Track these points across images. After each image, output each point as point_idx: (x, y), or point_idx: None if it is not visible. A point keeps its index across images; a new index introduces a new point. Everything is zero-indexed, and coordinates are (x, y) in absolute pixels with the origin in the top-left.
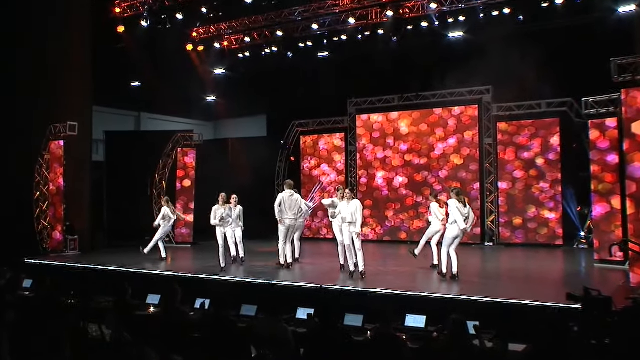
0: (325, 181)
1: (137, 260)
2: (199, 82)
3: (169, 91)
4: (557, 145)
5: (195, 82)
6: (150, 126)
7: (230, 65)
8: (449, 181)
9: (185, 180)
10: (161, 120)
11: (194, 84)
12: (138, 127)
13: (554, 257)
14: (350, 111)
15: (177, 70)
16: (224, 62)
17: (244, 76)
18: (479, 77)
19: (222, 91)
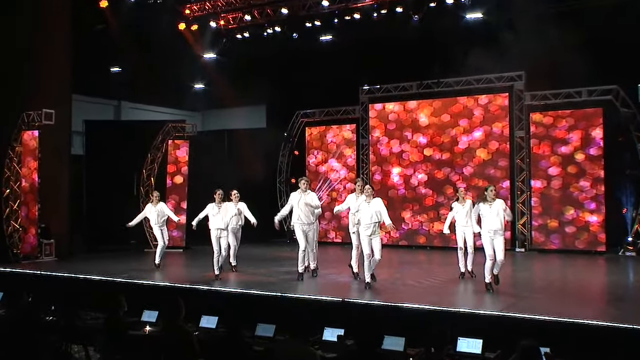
0: (333, 178)
1: (126, 267)
2: (190, 68)
3: (153, 78)
4: (600, 139)
5: (185, 68)
6: (131, 116)
7: (226, 47)
8: (473, 178)
9: (176, 176)
10: (144, 110)
11: (184, 69)
12: (118, 117)
13: (600, 265)
14: (362, 100)
15: (164, 53)
16: (219, 44)
17: (241, 60)
18: (510, 62)
19: (214, 78)
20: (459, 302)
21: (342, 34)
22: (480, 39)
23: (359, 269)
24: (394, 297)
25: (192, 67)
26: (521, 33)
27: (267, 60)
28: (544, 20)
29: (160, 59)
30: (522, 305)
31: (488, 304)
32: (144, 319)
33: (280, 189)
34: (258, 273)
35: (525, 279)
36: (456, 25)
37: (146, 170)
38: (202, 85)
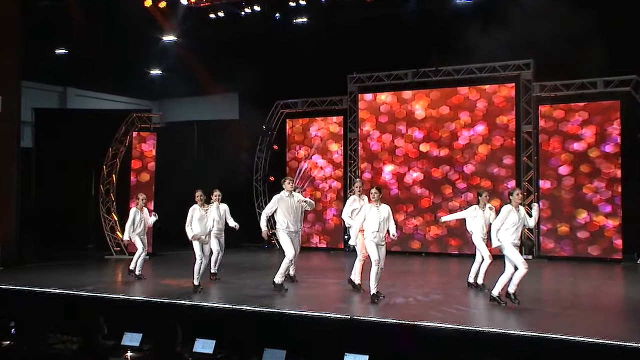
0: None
1: (89, 278)
2: (149, 50)
3: (105, 61)
4: (617, 135)
5: (143, 50)
6: (78, 104)
7: (188, 28)
8: (475, 177)
9: (142, 173)
10: (92, 98)
11: (142, 52)
12: (63, 105)
13: (620, 275)
14: (350, 89)
15: (120, 33)
16: (185, 24)
17: (211, 43)
18: (517, 48)
19: (176, 62)
20: (484, 321)
21: (329, 15)
22: (484, 22)
23: (361, 279)
24: (407, 314)
25: (152, 50)
26: (530, 16)
27: (242, 43)
28: (555, 2)
29: (115, 40)
30: (561, 323)
31: (522, 323)
32: (125, 343)
33: (257, 188)
34: (243, 285)
35: (546, 291)
36: (456, 6)
37: (107, 166)
38: (160, 71)
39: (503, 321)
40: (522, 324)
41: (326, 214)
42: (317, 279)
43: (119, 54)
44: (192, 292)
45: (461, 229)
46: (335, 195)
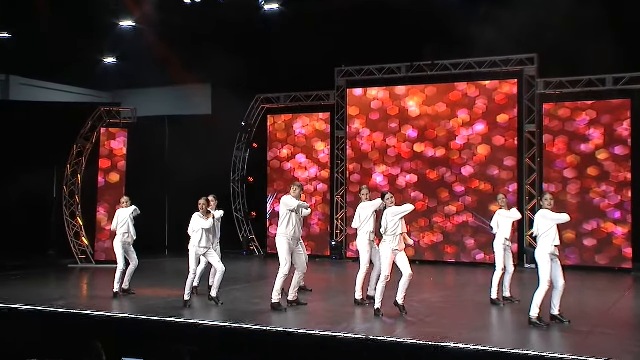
0: (301, 178)
1: (60, 291)
2: (105, 36)
3: (54, 47)
4: (627, 136)
5: (98, 37)
6: (23, 95)
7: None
8: (474, 180)
9: (111, 173)
10: (39, 87)
11: (96, 38)
12: (6, 96)
13: (634, 286)
14: (339, 83)
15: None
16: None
17: (179, 30)
18: (520, 42)
19: (135, 50)
20: (511, 341)
21: (317, 2)
22: (485, 13)
23: (363, 291)
24: (423, 332)
25: (108, 36)
26: (534, 7)
27: (219, 30)
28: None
29: (66, 23)
30: (597, 343)
31: (555, 343)
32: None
33: (234, 190)
34: (235, 298)
35: (565, 305)
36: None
37: (71, 165)
38: (113, 60)
39: (531, 342)
40: (556, 345)
41: (311, 218)
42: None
43: (71, 40)
44: (182, 306)
45: (457, 235)
46: (321, 198)
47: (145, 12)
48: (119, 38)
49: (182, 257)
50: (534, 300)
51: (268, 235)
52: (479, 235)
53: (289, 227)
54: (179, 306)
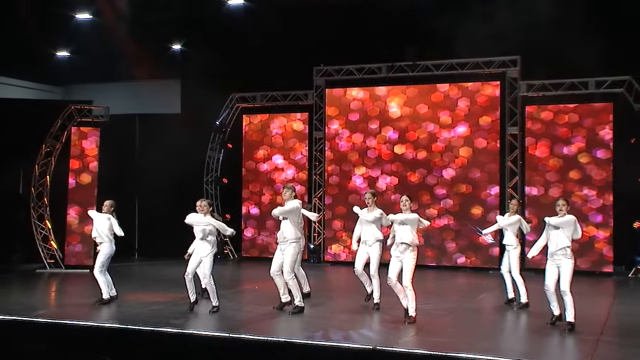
0: (278, 179)
1: (35, 299)
2: (56, 28)
3: (3, 40)
4: (609, 139)
5: (50, 29)
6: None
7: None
8: (455, 183)
9: (83, 174)
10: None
11: (48, 31)
12: None
13: (620, 291)
14: (317, 83)
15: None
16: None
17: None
18: (503, 44)
19: (91, 43)
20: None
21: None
22: (468, 13)
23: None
24: (431, 341)
25: (61, 29)
26: (517, 9)
27: (191, 24)
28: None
29: (17, 14)
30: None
31: (579, 354)
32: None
33: (207, 191)
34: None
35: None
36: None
37: (39, 165)
38: (66, 53)
39: (543, 351)
40: (570, 355)
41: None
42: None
43: (21, 31)
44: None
45: (439, 238)
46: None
47: (103, 4)
48: (73, 31)
49: (153, 261)
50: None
51: (243, 238)
52: (460, 239)
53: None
54: (166, 315)
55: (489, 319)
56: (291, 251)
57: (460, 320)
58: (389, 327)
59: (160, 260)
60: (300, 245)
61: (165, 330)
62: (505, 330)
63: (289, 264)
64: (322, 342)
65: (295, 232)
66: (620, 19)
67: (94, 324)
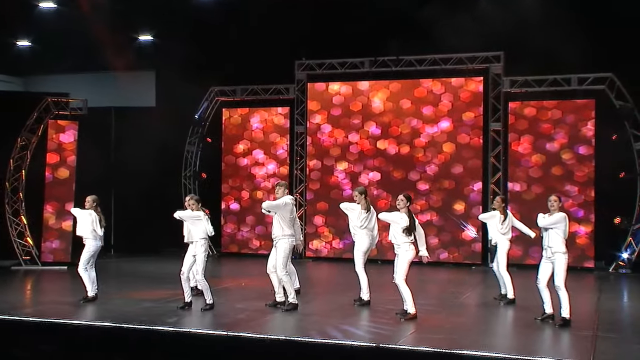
0: (258, 174)
1: (17, 298)
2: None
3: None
4: (592, 136)
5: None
6: None
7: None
8: (438, 178)
9: (60, 169)
10: None
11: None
12: None
13: (603, 286)
14: (299, 77)
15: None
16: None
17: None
18: (487, 40)
19: (55, 32)
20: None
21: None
22: (451, 8)
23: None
24: (433, 338)
25: (22, 17)
26: (501, 5)
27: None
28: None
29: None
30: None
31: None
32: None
33: (186, 186)
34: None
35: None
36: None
37: (14, 159)
38: (27, 43)
39: (544, 347)
40: (572, 350)
41: (269, 216)
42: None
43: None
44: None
45: None
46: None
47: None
48: (36, 20)
49: (130, 257)
50: None
51: (222, 233)
52: (442, 234)
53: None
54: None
55: (482, 315)
56: (282, 246)
57: (454, 317)
58: (386, 324)
59: (137, 257)
60: (291, 241)
61: (165, 329)
62: (501, 326)
63: (280, 260)
64: (324, 340)
65: (285, 229)
66: (603, 16)
67: (89, 323)
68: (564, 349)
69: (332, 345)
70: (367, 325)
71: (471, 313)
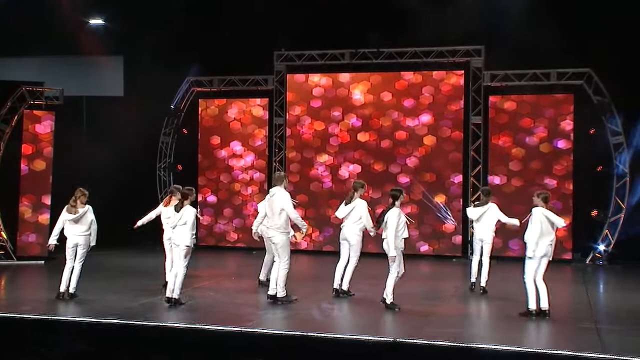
0: (236, 166)
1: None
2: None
3: None
4: (570, 130)
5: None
6: None
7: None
8: (419, 171)
9: (36, 160)
10: None
11: None
12: None
13: (585, 278)
14: (277, 68)
15: None
16: None
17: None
18: (467, 33)
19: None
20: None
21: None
22: (433, 2)
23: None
24: (446, 332)
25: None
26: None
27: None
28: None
29: None
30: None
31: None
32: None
33: (161, 177)
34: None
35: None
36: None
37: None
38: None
39: (556, 341)
40: (580, 343)
41: (247, 208)
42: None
43: None
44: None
45: None
46: (258, 187)
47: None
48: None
49: (104, 250)
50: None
51: (199, 226)
52: (423, 227)
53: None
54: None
55: (482, 309)
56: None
57: (454, 310)
58: (391, 318)
59: (111, 250)
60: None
61: (180, 326)
62: (500, 319)
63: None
64: (338, 335)
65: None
66: (582, 11)
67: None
68: (576, 342)
69: (346, 340)
70: (374, 319)
71: (469, 306)
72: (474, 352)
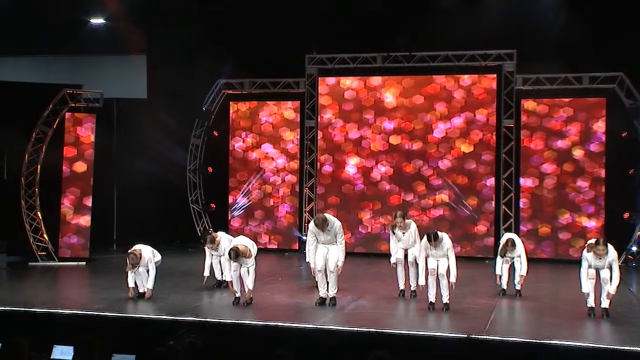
0: (268, 168)
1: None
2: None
3: None
4: (602, 133)
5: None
6: None
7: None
8: (451, 174)
9: (78, 162)
10: None
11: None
12: None
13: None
14: (309, 71)
15: None
16: None
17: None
18: (500, 37)
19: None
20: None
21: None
22: (465, 5)
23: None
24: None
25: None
26: (514, 4)
27: None
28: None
29: None
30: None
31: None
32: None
33: (191, 180)
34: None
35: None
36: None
37: (29, 153)
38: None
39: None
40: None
41: (278, 211)
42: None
43: None
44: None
45: (434, 229)
46: (290, 190)
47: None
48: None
49: None
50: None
51: (230, 228)
52: (455, 229)
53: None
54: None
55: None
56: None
57: (503, 309)
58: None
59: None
60: None
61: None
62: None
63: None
64: (414, 332)
65: None
66: (615, 15)
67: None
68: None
69: (419, 337)
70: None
71: (516, 305)
72: (549, 348)
